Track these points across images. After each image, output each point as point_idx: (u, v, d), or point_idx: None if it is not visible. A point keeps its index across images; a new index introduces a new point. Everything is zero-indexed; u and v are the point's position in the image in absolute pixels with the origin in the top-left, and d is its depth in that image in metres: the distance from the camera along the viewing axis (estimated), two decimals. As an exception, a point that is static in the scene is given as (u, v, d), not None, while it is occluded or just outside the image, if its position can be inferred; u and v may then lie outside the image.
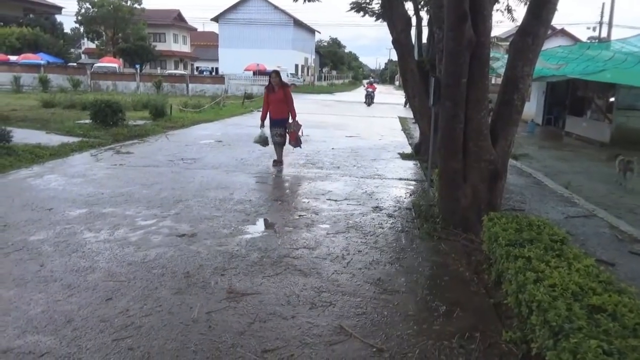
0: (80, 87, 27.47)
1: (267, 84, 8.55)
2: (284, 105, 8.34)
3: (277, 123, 8.47)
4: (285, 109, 8.38)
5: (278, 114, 8.41)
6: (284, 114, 8.41)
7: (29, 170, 7.40)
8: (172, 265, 4.06)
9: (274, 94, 8.30)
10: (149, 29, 48.80)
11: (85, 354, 2.75)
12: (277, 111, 8.39)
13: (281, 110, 8.37)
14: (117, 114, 12.27)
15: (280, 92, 8.29)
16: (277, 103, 8.31)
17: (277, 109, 8.36)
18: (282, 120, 8.42)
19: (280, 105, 8.34)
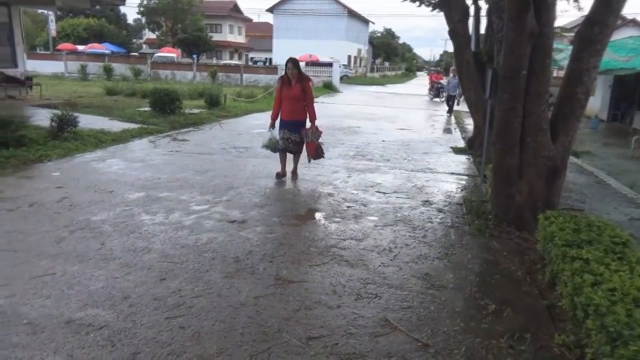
0: (140, 76, 28.61)
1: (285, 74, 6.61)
2: (300, 104, 6.51)
3: (290, 126, 6.58)
4: (301, 109, 6.55)
5: (292, 114, 6.54)
6: (299, 116, 6.58)
7: (93, 154, 7.82)
8: (223, 249, 4.18)
9: (289, 88, 6.49)
10: (206, 20, 50.01)
11: (140, 329, 2.90)
12: (290, 111, 6.53)
13: (296, 109, 6.53)
14: (174, 102, 12.69)
15: (297, 86, 6.45)
16: (291, 100, 6.48)
17: (291, 108, 6.52)
18: (297, 124, 6.58)
19: (295, 104, 6.50)
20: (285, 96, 6.52)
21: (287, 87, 6.51)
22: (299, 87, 6.46)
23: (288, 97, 6.50)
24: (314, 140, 6.57)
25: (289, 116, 6.57)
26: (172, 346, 2.75)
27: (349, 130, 12.21)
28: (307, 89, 6.55)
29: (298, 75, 6.49)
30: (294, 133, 6.58)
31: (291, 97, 6.48)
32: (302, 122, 6.62)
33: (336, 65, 30.34)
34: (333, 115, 15.59)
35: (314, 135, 6.56)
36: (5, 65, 14.57)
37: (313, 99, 6.65)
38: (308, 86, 6.58)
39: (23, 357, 2.59)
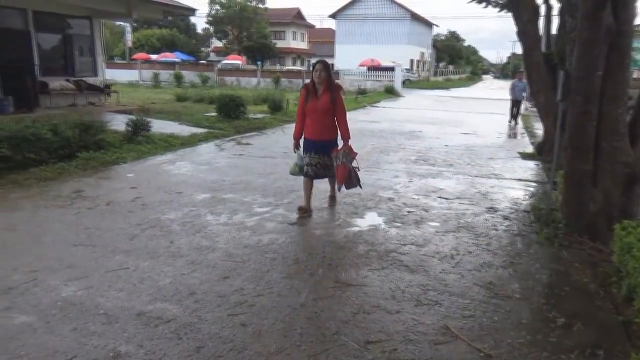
0: (208, 83, 29.80)
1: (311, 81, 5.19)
2: (329, 119, 5.15)
3: (318, 148, 5.21)
4: (331, 126, 5.18)
5: (318, 132, 5.16)
6: (329, 133, 5.21)
7: (164, 157, 8.24)
8: (283, 251, 4.26)
9: (315, 99, 5.08)
10: (271, 27, 51.27)
11: (204, 324, 3.02)
12: (318, 128, 5.15)
13: (325, 126, 5.15)
14: (239, 107, 13.12)
15: (325, 96, 5.06)
16: (318, 115, 5.09)
17: (319, 125, 5.14)
18: (325, 144, 5.19)
19: (323, 119, 5.12)
20: (310, 109, 5.10)
21: (312, 97, 5.09)
22: (327, 98, 5.04)
23: (314, 111, 5.08)
24: (346, 163, 5.13)
25: (317, 135, 5.16)
26: (234, 342, 2.84)
27: (411, 134, 12.05)
28: (338, 100, 5.12)
29: (327, 82, 5.07)
30: (323, 155, 5.20)
31: (318, 110, 5.07)
32: (333, 142, 5.26)
33: (398, 69, 30.08)
34: (394, 119, 15.47)
35: (346, 157, 5.11)
36: (87, 74, 15.69)
37: (345, 112, 5.22)
38: (339, 96, 5.17)
39: (99, 344, 2.78)
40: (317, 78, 5.02)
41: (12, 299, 3.26)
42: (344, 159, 5.13)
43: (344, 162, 5.13)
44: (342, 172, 5.14)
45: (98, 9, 14.73)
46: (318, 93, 5.10)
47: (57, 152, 7.35)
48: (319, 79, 5.02)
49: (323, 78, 5.04)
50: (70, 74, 15.05)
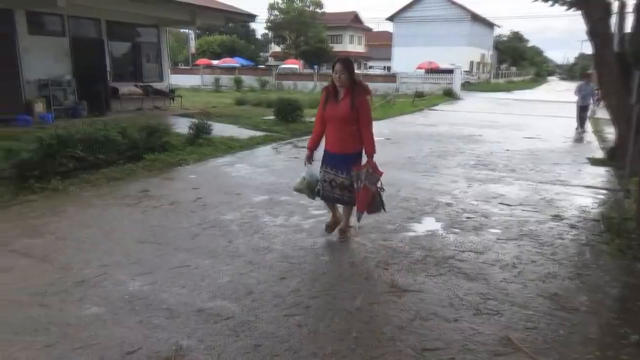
0: (266, 87, 30.46)
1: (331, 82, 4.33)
2: (350, 128, 4.26)
3: (335, 162, 4.39)
4: (353, 137, 4.29)
5: (336, 143, 4.34)
6: (350, 146, 4.32)
7: (224, 159, 8.50)
8: (339, 254, 4.27)
9: (335, 104, 4.27)
10: (328, 32, 51.63)
11: (261, 323, 3.08)
12: (336, 139, 4.34)
13: (345, 137, 4.29)
14: (295, 111, 13.31)
15: (346, 101, 4.20)
16: (337, 122, 4.28)
17: (338, 135, 4.32)
18: (344, 159, 4.33)
19: (343, 128, 4.27)
20: (329, 116, 4.29)
21: (332, 102, 4.28)
22: (347, 103, 4.17)
23: (333, 118, 4.27)
24: (369, 185, 4.22)
25: (334, 146, 4.34)
26: (290, 342, 2.88)
27: (470, 138, 11.73)
28: (362, 106, 4.20)
29: (349, 84, 4.19)
30: (341, 172, 4.35)
31: (337, 117, 4.24)
32: (353, 157, 4.33)
33: (457, 71, 29.37)
34: (453, 122, 15.11)
35: (369, 178, 4.21)
36: (154, 79, 16.51)
37: (371, 121, 4.28)
38: (364, 102, 4.23)
39: (162, 337, 2.91)
40: (338, 79, 4.18)
41: (85, 291, 3.48)
42: (367, 180, 4.20)
43: (367, 185, 4.20)
44: (364, 197, 4.25)
45: (165, 17, 15.46)
46: (339, 97, 4.24)
47: (125, 153, 7.77)
48: (339, 81, 4.18)
49: (344, 81, 4.16)
50: (138, 80, 15.90)
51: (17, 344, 2.82)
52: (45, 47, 12.72)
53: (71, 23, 13.48)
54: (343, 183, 4.40)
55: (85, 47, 13.93)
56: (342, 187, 4.41)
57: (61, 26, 13.27)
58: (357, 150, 4.36)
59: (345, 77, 4.16)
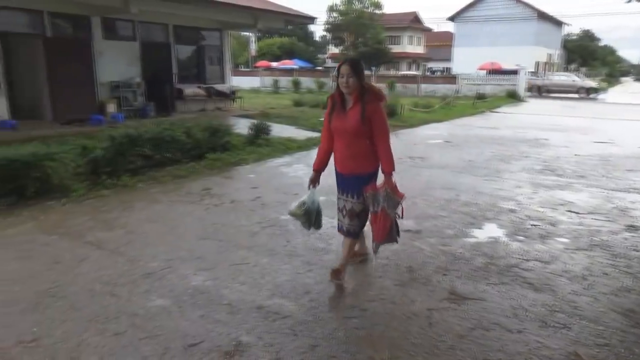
0: (323, 88, 30.65)
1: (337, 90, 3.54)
2: (362, 143, 3.50)
3: (344, 184, 3.67)
4: (365, 153, 3.52)
5: (347, 162, 3.59)
6: (362, 164, 3.55)
7: (282, 159, 8.64)
8: (396, 258, 4.22)
9: (342, 114, 3.51)
10: (386, 32, 51.20)
11: (319, 323, 3.10)
12: (345, 156, 3.59)
13: (355, 153, 3.54)
14: (353, 112, 13.28)
15: (355, 109, 3.44)
16: (346, 136, 3.52)
17: (347, 152, 3.56)
18: (357, 180, 3.55)
19: (353, 143, 3.52)
20: (336, 129, 3.53)
21: (339, 112, 3.51)
22: (357, 113, 3.39)
23: (341, 131, 3.50)
24: (388, 210, 3.44)
25: (344, 166, 3.60)
26: (347, 345, 2.87)
27: (535, 142, 11.22)
28: (375, 115, 3.39)
29: (359, 90, 3.40)
30: (351, 195, 3.58)
31: (346, 130, 3.47)
32: (367, 178, 3.53)
33: (522, 72, 28.23)
34: (516, 125, 14.54)
35: (387, 201, 3.43)
36: (216, 81, 17.05)
37: (387, 133, 3.48)
38: (377, 109, 3.42)
39: (223, 332, 2.99)
40: (345, 86, 3.38)
41: (151, 283, 3.64)
42: (385, 203, 3.41)
43: (385, 208, 3.42)
44: (383, 224, 3.43)
45: (228, 21, 15.94)
46: (347, 105, 3.47)
47: (189, 152, 8.08)
48: (346, 87, 3.38)
49: (352, 86, 3.37)
50: (201, 82, 16.48)
51: (90, 330, 3.00)
52: (117, 51, 13.48)
53: (141, 28, 14.20)
54: (353, 209, 3.58)
55: (154, 50, 14.62)
56: (352, 215, 3.59)
57: (132, 31, 14.01)
58: (371, 169, 3.55)
59: (354, 82, 3.37)
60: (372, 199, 3.48)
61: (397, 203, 3.48)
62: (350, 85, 3.38)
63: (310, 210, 3.77)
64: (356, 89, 3.41)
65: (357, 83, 3.39)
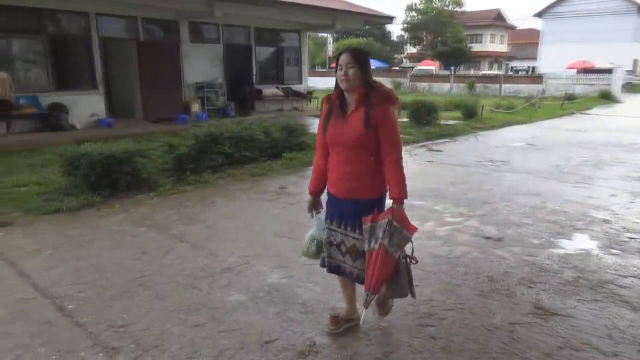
0: (400, 89, 30.22)
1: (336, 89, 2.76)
2: (364, 158, 2.65)
3: (342, 211, 2.79)
4: (369, 170, 2.67)
5: (345, 183, 2.72)
6: (366, 187, 2.70)
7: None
8: (476, 266, 4.03)
9: (341, 120, 2.69)
10: (467, 31, 49.52)
11: (394, 330, 3.03)
12: (342, 175, 2.73)
13: (356, 172, 2.68)
14: (430, 113, 12.98)
15: (358, 114, 2.62)
16: (345, 150, 2.68)
17: (345, 169, 2.70)
18: (358, 207, 2.70)
19: (354, 157, 2.66)
20: (332, 139, 2.74)
21: (336, 117, 2.72)
22: (359, 118, 2.61)
23: (337, 143, 2.71)
24: (390, 248, 2.61)
25: (340, 188, 2.76)
26: (423, 354, 2.78)
27: (632, 147, 10.30)
28: (385, 122, 2.60)
29: (362, 88, 2.64)
30: (352, 228, 2.77)
31: (344, 142, 2.67)
32: (370, 204, 2.70)
33: (618, 71, 26.06)
34: (610, 128, 13.45)
35: (392, 236, 2.60)
36: (293, 82, 17.38)
37: (398, 145, 2.65)
38: (386, 114, 2.61)
39: (297, 331, 3.01)
40: (343, 79, 2.62)
41: (230, 278, 3.76)
42: (387, 239, 2.58)
43: (385, 246, 2.58)
44: (381, 268, 2.61)
45: (307, 22, 16.19)
46: (347, 109, 2.69)
47: (267, 151, 8.28)
48: (345, 80, 2.61)
49: (353, 81, 2.60)
50: (279, 82, 16.88)
51: (172, 320, 3.14)
52: (202, 53, 14.14)
53: (225, 31, 14.80)
54: (355, 247, 2.75)
55: (236, 52, 15.19)
56: (356, 254, 2.76)
57: (216, 34, 14.63)
58: (376, 194, 2.72)
59: (355, 73, 2.59)
60: (369, 231, 2.65)
61: (405, 239, 2.65)
62: (350, 78, 2.60)
63: (321, 243, 2.91)
64: (359, 85, 2.62)
65: (359, 76, 2.60)
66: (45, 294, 3.49)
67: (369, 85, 2.64)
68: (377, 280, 2.64)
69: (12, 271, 3.88)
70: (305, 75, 18.34)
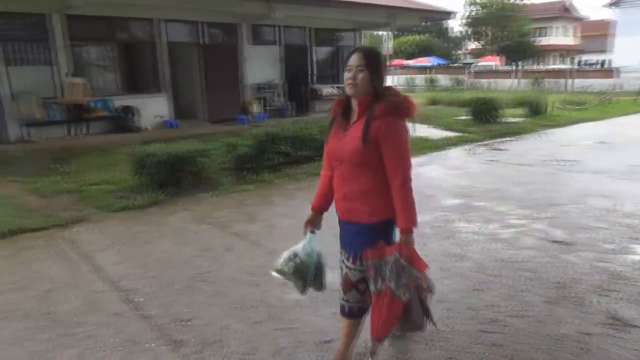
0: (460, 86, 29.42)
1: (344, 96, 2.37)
2: (364, 176, 2.28)
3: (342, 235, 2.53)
4: (370, 190, 2.29)
5: (345, 203, 2.39)
6: (366, 209, 2.30)
7: (414, 160, 8.20)
8: (543, 271, 3.83)
9: (342, 131, 2.34)
10: (532, 24, 47.30)
11: (454, 335, 2.93)
12: (343, 194, 2.39)
13: (356, 191, 2.31)
14: (492, 111, 12.52)
15: (358, 127, 2.24)
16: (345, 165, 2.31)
17: (345, 187, 2.35)
18: (351, 230, 2.40)
19: (354, 175, 2.30)
20: (332, 153, 2.41)
21: (338, 127, 2.40)
22: (358, 132, 2.23)
23: (336, 157, 2.37)
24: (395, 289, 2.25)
25: (341, 208, 2.46)
26: (485, 361, 2.68)
27: None
28: (389, 137, 2.21)
29: (369, 95, 2.25)
30: (346, 254, 2.46)
31: (343, 156, 2.31)
32: (372, 230, 2.34)
33: None
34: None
35: (398, 274, 2.26)
36: (350, 81, 17.33)
37: (405, 166, 2.27)
38: (391, 128, 2.22)
39: (354, 332, 2.99)
40: (351, 85, 2.25)
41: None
42: (393, 280, 2.25)
43: (392, 288, 2.24)
44: (389, 312, 2.27)
45: (364, 21, 16.11)
46: (351, 118, 2.34)
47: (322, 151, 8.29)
48: (353, 87, 2.24)
49: (362, 86, 2.23)
50: (336, 82, 16.89)
51: (232, 316, 3.22)
52: (261, 55, 14.42)
53: (283, 32, 15.01)
54: (348, 277, 2.43)
55: (294, 53, 15.37)
56: (347, 284, 2.44)
57: (275, 35, 14.88)
58: (378, 218, 2.31)
59: (365, 79, 2.22)
60: (374, 268, 2.28)
61: (413, 279, 2.29)
62: (358, 83, 2.22)
63: (304, 264, 2.55)
64: (367, 92, 2.24)
65: (369, 81, 2.22)
66: (115, 287, 3.68)
67: (376, 93, 2.25)
68: (383, 326, 2.30)
69: (87, 265, 4.12)
70: (362, 74, 18.23)
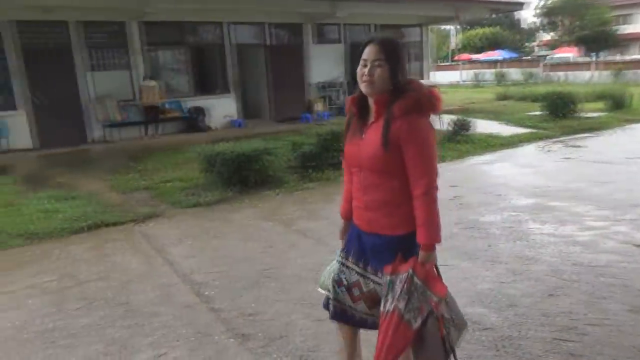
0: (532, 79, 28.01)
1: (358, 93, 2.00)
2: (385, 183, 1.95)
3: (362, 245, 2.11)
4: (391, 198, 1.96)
5: (364, 212, 2.06)
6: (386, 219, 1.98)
7: (482, 157, 8.15)
8: (626, 277, 3.55)
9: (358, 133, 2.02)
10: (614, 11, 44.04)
11: (525, 342, 2.79)
12: (362, 202, 2.05)
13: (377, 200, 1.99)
14: (568, 105, 11.81)
15: (376, 128, 1.92)
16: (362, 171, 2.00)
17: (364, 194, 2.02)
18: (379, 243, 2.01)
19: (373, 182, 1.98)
20: (349, 158, 2.09)
21: (355, 130, 2.05)
22: (377, 135, 1.91)
23: (352, 162, 2.08)
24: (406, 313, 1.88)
25: (360, 217, 2.10)
26: (561, 371, 2.52)
27: None
28: (411, 139, 1.86)
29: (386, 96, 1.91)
30: (372, 268, 2.09)
31: (359, 162, 2.02)
32: (396, 242, 1.98)
33: None
34: None
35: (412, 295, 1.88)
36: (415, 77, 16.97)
37: (431, 172, 1.91)
38: (414, 129, 1.86)
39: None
40: (366, 81, 1.92)
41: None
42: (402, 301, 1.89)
43: (400, 311, 1.89)
44: (393, 339, 1.89)
45: (429, 15, 15.75)
46: (368, 119, 2.02)
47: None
48: (368, 82, 1.91)
49: (380, 83, 1.91)
50: (401, 78, 16.63)
51: (296, 312, 3.26)
52: (325, 54, 14.50)
53: (347, 31, 15.00)
54: (375, 292, 2.09)
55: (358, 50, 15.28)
56: (373, 301, 2.09)
57: (339, 34, 14.90)
58: (401, 230, 1.98)
59: (383, 75, 1.89)
60: (388, 285, 1.95)
61: (426, 300, 1.90)
62: (375, 80, 1.89)
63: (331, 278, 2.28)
64: (385, 89, 1.91)
65: (388, 77, 1.89)
66: (186, 280, 3.85)
67: (396, 89, 1.90)
68: (390, 350, 1.88)
69: (160, 258, 4.34)
70: (428, 70, 17.84)
